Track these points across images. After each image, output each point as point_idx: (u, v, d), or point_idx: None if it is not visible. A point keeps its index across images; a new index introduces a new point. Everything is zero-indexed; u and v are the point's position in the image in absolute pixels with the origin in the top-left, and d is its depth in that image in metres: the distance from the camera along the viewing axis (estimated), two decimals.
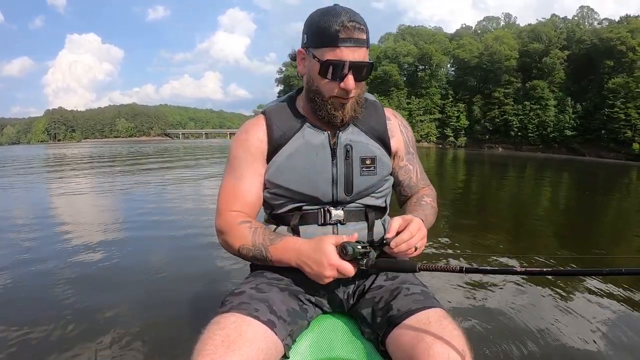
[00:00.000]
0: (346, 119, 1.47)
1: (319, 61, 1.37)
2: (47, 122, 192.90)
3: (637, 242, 6.79)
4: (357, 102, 1.48)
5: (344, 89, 1.39)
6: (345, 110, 1.45)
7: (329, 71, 1.37)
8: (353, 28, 1.33)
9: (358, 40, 1.35)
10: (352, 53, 1.35)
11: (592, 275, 3.61)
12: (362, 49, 1.37)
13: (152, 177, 15.57)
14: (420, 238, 1.38)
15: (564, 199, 12.64)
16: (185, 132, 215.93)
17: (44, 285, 4.05)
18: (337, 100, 1.43)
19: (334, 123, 1.47)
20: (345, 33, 1.33)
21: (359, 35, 1.35)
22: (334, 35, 1.33)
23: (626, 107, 53.13)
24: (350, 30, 1.33)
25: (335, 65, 1.35)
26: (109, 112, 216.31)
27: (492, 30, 79.12)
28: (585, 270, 1.89)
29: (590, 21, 70.37)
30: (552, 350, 2.93)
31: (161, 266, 4.74)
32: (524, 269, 1.15)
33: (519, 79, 66.88)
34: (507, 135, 65.85)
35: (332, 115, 1.45)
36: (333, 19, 1.34)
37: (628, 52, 54.86)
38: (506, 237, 6.83)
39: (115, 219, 7.56)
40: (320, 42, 1.37)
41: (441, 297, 3.17)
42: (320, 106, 1.45)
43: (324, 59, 1.36)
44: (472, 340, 1.23)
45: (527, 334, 3.15)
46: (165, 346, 2.92)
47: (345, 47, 1.34)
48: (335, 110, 1.44)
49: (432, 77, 74.29)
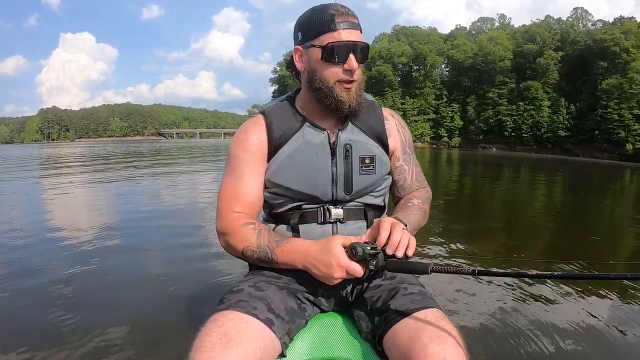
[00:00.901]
0: (353, 105, 1.48)
1: (320, 47, 1.41)
2: (41, 121, 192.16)
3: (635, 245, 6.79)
4: (360, 88, 1.50)
5: (348, 70, 1.42)
6: (351, 95, 1.47)
7: (332, 53, 1.40)
8: (346, 13, 1.42)
9: (353, 24, 1.43)
10: (349, 35, 1.40)
11: (599, 279, 3.60)
12: (358, 31, 1.44)
13: (147, 177, 15.50)
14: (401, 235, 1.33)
15: (559, 200, 12.70)
16: (180, 132, 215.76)
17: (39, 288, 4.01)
18: (343, 85, 1.45)
19: (342, 109, 1.48)
20: (340, 17, 1.40)
21: (352, 19, 1.43)
22: (330, 20, 1.40)
23: (620, 108, 53.52)
24: (344, 15, 1.41)
25: (337, 47, 1.39)
26: (102, 111, 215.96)
27: (487, 31, 79.40)
28: (592, 275, 1.92)
29: (584, 22, 70.70)
30: (550, 351, 2.93)
31: (159, 264, 4.73)
32: (535, 272, 1.15)
33: (513, 80, 67.21)
34: (501, 135, 66.12)
35: (339, 101, 1.46)
36: (325, 9, 1.42)
37: (622, 54, 55.27)
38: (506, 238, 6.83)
39: (111, 219, 7.52)
40: (317, 31, 1.42)
41: (438, 298, 3.16)
42: (326, 94, 1.46)
43: (325, 43, 1.40)
44: (468, 341, 1.23)
45: (523, 334, 3.14)
46: (164, 343, 2.91)
47: (342, 29, 1.40)
48: (341, 95, 1.45)
49: (427, 77, 74.51)
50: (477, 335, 3.12)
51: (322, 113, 1.54)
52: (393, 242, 1.30)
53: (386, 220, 1.37)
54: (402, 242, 1.31)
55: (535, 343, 3.02)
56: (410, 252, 1.32)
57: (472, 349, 1.26)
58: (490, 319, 3.40)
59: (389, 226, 1.34)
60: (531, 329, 3.24)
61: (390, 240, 1.31)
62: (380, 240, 1.31)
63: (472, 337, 3.03)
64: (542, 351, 2.92)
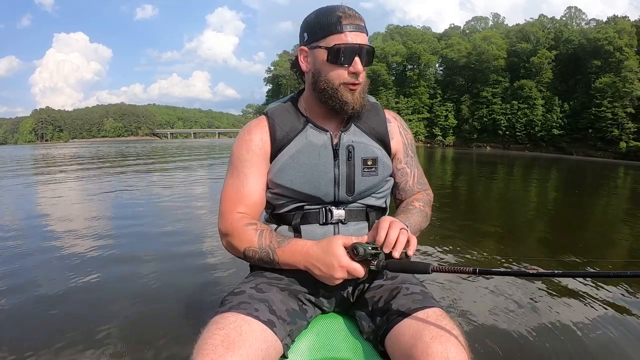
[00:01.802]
0: (357, 106, 1.49)
1: (326, 48, 1.41)
2: (35, 122, 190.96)
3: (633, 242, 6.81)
4: (364, 91, 1.51)
5: (353, 72, 1.43)
6: (356, 97, 1.47)
7: (338, 55, 1.40)
8: (353, 15, 1.42)
9: (360, 26, 1.43)
10: (356, 37, 1.41)
11: (600, 277, 3.59)
12: (364, 34, 1.44)
13: (143, 177, 15.46)
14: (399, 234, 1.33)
15: (554, 198, 12.70)
16: (174, 132, 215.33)
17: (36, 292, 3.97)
18: (347, 87, 1.45)
19: (346, 111, 1.48)
20: (347, 19, 1.41)
21: (359, 22, 1.43)
22: (337, 22, 1.40)
23: (613, 106, 53.94)
24: (351, 17, 1.41)
25: (343, 49, 1.39)
26: (96, 111, 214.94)
27: (481, 30, 79.57)
28: (593, 273, 1.94)
29: (578, 22, 70.93)
30: (551, 350, 2.92)
31: (160, 266, 4.68)
32: (536, 270, 1.17)
33: (507, 79, 67.49)
34: (495, 134, 66.37)
35: (343, 102, 1.46)
36: (333, 10, 1.42)
37: (615, 52, 55.63)
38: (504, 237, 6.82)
39: (107, 222, 7.46)
40: (324, 32, 1.42)
41: (440, 297, 3.15)
42: (331, 95, 1.46)
43: (331, 45, 1.40)
44: (470, 340, 1.25)
45: (525, 333, 3.14)
46: (165, 345, 2.89)
47: (349, 31, 1.40)
48: (346, 97, 1.46)
49: (421, 76, 74.74)
50: (479, 334, 3.11)
51: (325, 114, 1.55)
52: (389, 242, 1.30)
53: (385, 220, 1.37)
54: (400, 241, 1.31)
55: (536, 342, 3.02)
56: (411, 252, 1.32)
57: (474, 347, 1.26)
58: (491, 318, 3.40)
59: (387, 225, 1.34)
60: (532, 327, 3.23)
61: (387, 239, 1.31)
62: (379, 240, 1.32)
63: (474, 336, 3.03)
64: (542, 350, 2.91)
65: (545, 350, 2.92)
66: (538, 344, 2.99)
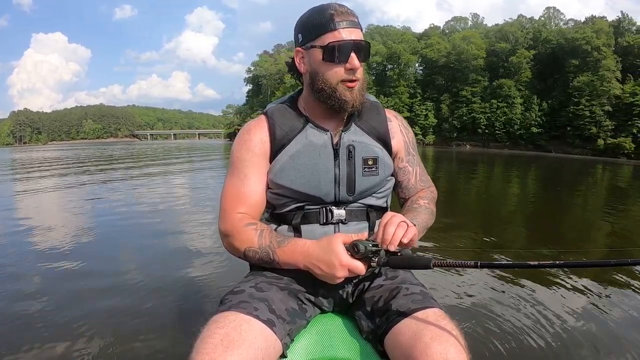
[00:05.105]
0: (356, 104, 1.48)
1: (321, 47, 1.40)
2: (13, 124, 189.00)
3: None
4: (362, 88, 1.49)
5: (350, 69, 1.42)
6: (355, 94, 1.46)
7: (334, 53, 1.39)
8: (345, 12, 1.41)
9: (353, 22, 1.42)
10: (350, 33, 1.40)
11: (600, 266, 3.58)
12: (358, 29, 1.43)
13: (139, 177, 15.37)
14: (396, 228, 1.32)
15: (533, 193, 12.81)
16: (154, 133, 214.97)
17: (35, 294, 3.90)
18: (345, 85, 1.44)
19: (345, 109, 1.47)
20: (340, 16, 1.40)
21: (352, 17, 1.42)
22: (330, 20, 1.39)
23: (591, 104, 54.62)
24: (344, 14, 1.40)
25: (338, 47, 1.39)
26: (75, 113, 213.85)
27: (460, 30, 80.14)
28: (594, 262, 1.99)
29: (556, 22, 71.81)
30: (553, 350, 2.90)
31: (158, 265, 4.68)
32: (537, 262, 1.17)
33: (486, 78, 67.93)
34: (475, 132, 66.79)
35: (342, 100, 1.45)
36: (324, 9, 1.42)
37: (593, 52, 56.36)
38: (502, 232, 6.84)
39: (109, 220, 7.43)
40: (318, 32, 1.41)
41: (439, 297, 3.06)
42: (329, 94, 1.45)
43: (325, 43, 1.39)
44: (470, 340, 1.27)
45: (526, 333, 3.11)
46: (164, 345, 2.90)
47: (343, 28, 1.39)
48: (345, 95, 1.45)
49: (401, 76, 74.87)
50: (479, 334, 3.10)
51: (325, 114, 1.54)
52: (386, 237, 1.30)
53: (385, 216, 1.37)
54: (397, 235, 1.30)
55: (536, 341, 2.99)
56: (406, 240, 1.31)
57: (474, 348, 1.30)
58: (491, 318, 3.37)
59: (385, 221, 1.34)
60: (532, 327, 3.22)
61: (383, 235, 1.31)
62: (378, 236, 1.32)
63: (474, 336, 3.02)
64: (543, 349, 2.90)
65: (545, 350, 2.89)
66: (540, 344, 2.97)
